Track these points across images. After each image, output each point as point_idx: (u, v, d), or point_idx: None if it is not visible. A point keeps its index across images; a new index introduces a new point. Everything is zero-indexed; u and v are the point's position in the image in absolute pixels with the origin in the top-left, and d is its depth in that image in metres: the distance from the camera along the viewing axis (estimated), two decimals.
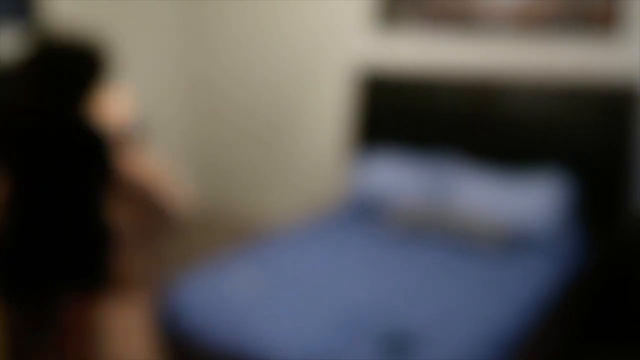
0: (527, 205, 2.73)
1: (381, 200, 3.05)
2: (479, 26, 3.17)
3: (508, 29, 3.10)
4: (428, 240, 2.70)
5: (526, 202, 2.74)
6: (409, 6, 3.36)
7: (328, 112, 3.82)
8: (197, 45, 4.32)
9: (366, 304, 2.10)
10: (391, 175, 3.11)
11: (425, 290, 2.22)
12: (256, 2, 3.99)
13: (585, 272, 2.55)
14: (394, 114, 3.34)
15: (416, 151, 3.26)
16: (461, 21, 3.21)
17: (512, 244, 2.66)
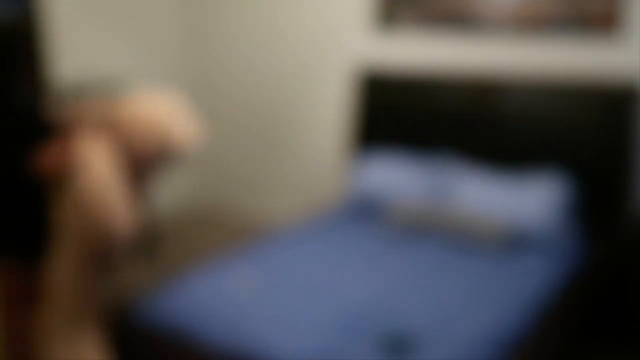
0: (527, 204, 2.73)
1: (381, 199, 3.06)
2: (478, 27, 3.17)
3: (507, 30, 3.10)
4: (428, 240, 2.70)
5: (526, 201, 2.74)
6: (408, 7, 3.36)
7: (328, 112, 3.83)
8: (197, 46, 4.33)
9: (366, 303, 2.10)
10: (391, 175, 3.12)
11: (425, 290, 2.22)
12: (255, 4, 3.99)
13: (585, 272, 2.55)
14: (394, 115, 3.35)
15: (416, 151, 3.27)
16: (461, 22, 3.22)
17: (511, 243, 2.67)
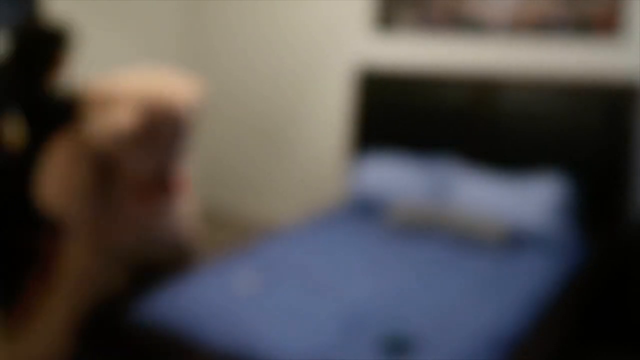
0: (527, 204, 2.73)
1: (381, 199, 3.06)
2: (479, 29, 3.17)
3: (507, 32, 3.11)
4: (427, 240, 2.71)
5: (525, 201, 2.75)
6: (408, 9, 3.37)
7: (329, 112, 3.83)
8: (198, 47, 4.33)
9: (366, 303, 2.10)
10: (391, 174, 3.12)
11: (425, 290, 2.23)
12: (256, 5, 3.99)
13: (584, 272, 2.55)
14: (395, 115, 3.35)
15: (416, 151, 3.27)
16: (461, 24, 3.22)
17: (511, 243, 2.67)
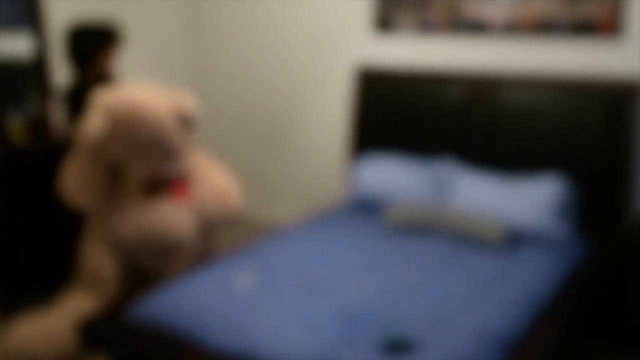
0: (527, 204, 2.73)
1: (381, 199, 3.07)
2: (479, 31, 3.18)
3: (507, 33, 3.11)
4: (427, 240, 2.71)
5: (525, 201, 2.75)
6: (408, 11, 3.37)
7: (330, 114, 3.84)
8: (199, 48, 4.34)
9: (366, 303, 2.11)
10: (391, 174, 3.12)
11: (425, 290, 2.23)
12: (256, 8, 4.00)
13: (584, 272, 2.55)
14: (395, 115, 3.35)
15: (416, 151, 3.28)
16: (461, 26, 3.23)
17: (511, 243, 2.67)
